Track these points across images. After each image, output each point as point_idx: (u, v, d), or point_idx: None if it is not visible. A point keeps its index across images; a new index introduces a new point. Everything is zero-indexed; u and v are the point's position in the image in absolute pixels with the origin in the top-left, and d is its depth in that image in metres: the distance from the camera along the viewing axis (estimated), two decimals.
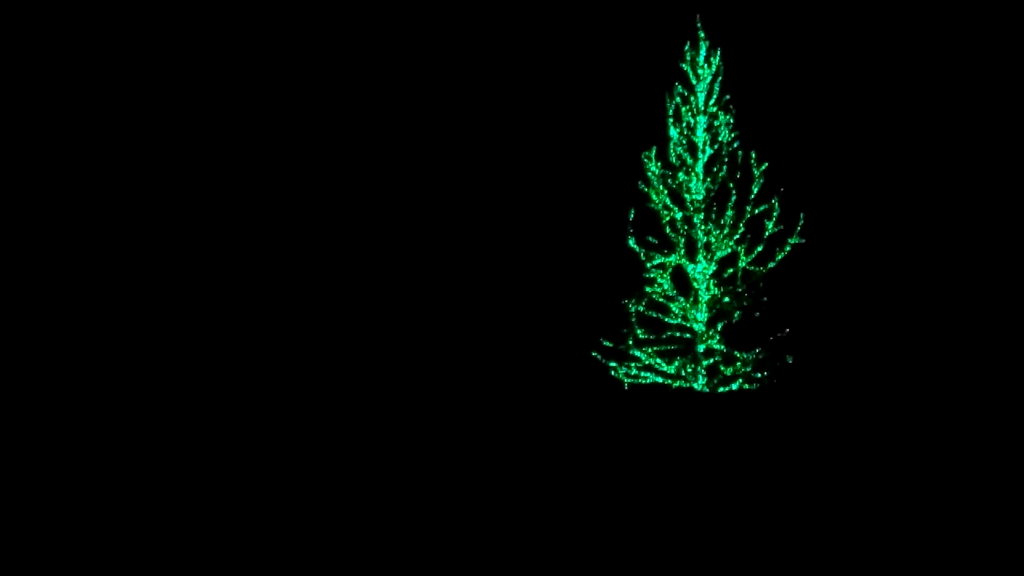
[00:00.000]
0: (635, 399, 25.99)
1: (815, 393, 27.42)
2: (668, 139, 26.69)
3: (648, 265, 26.50)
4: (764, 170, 26.45)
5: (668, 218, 26.62)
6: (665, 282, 26.52)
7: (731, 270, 26.52)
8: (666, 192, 26.63)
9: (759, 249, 26.45)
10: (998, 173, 30.47)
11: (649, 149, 26.63)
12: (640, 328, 26.37)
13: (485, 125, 31.82)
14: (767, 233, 26.39)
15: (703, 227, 26.59)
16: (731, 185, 26.48)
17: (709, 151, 26.76)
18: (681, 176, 26.69)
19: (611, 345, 26.48)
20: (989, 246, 29.83)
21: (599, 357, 26.48)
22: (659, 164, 26.67)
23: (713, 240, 26.57)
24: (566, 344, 26.72)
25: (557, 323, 28.29)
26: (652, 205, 26.68)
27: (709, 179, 26.64)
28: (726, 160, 26.59)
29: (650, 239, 26.55)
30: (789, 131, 29.99)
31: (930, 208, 30.85)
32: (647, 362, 26.33)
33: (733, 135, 26.71)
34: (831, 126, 31.24)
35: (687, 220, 26.67)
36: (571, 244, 30.16)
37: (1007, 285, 29.33)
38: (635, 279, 26.53)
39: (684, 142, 26.71)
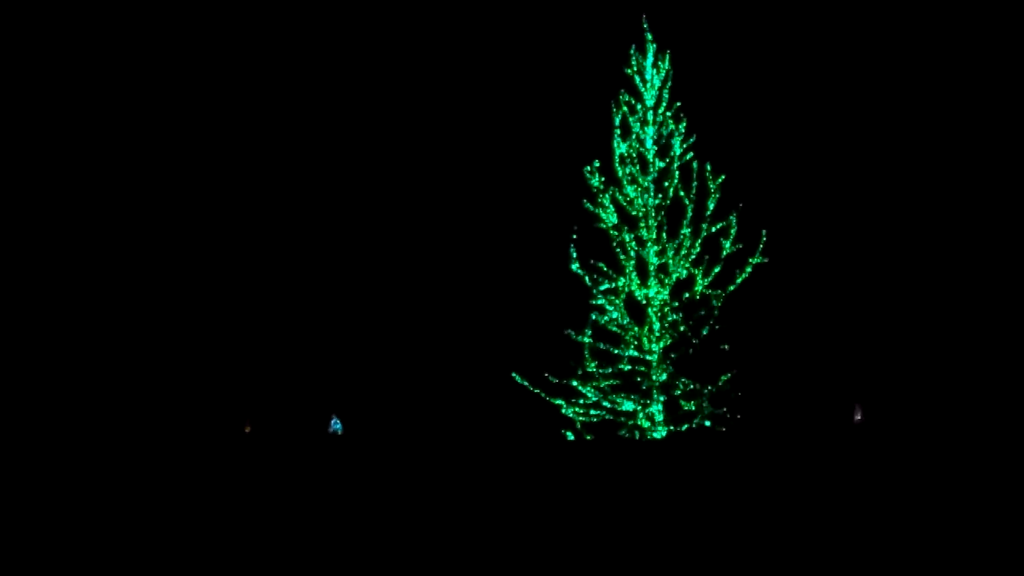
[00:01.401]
0: (586, 442, 23.40)
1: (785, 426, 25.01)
2: (613, 152, 24.23)
3: (595, 291, 23.93)
4: (721, 183, 24.07)
5: (618, 239, 24.09)
6: (616, 310, 23.97)
7: (687, 295, 24.04)
8: (613, 210, 24.14)
9: (716, 270, 23.99)
10: (966, 179, 28.52)
11: (591, 163, 24.15)
12: (590, 360, 23.78)
13: (419, 140, 29.42)
14: (724, 253, 23.96)
15: (655, 248, 24.13)
16: (687, 202, 24.05)
17: (660, 164, 24.32)
18: (630, 192, 24.22)
19: (557, 380, 23.87)
20: (956, 253, 27.86)
21: (544, 395, 23.84)
22: (602, 179, 24.18)
23: (669, 262, 24.11)
24: (507, 381, 23.98)
25: (497, 357, 25.59)
26: (601, 225, 24.16)
27: (660, 195, 24.20)
28: (678, 174, 24.18)
29: (598, 264, 24.00)
30: (748, 141, 27.35)
31: (899, 218, 28.73)
32: (595, 399, 23.71)
33: (685, 146, 24.30)
34: (793, 135, 28.73)
35: (638, 240, 24.17)
36: (510, 269, 27.51)
37: (969, 300, 27.39)
38: (581, 307, 23.95)
39: (633, 155, 24.26)
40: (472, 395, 27.08)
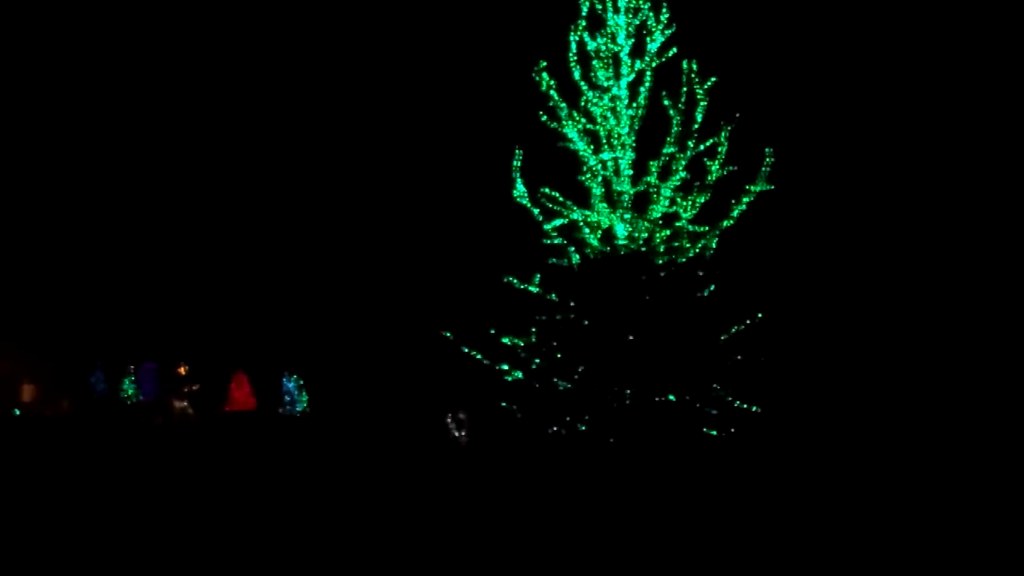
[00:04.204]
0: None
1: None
2: (569, 47, 18.82)
3: (547, 227, 18.68)
4: (710, 87, 18.70)
5: (592, 161, 18.75)
6: (576, 251, 18.75)
7: (667, 231, 18.79)
8: (572, 124, 18.81)
9: (702, 200, 18.67)
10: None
11: (538, 64, 18.73)
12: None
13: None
14: (712, 177, 18.63)
15: (629, 172, 18.84)
16: (672, 112, 18.69)
17: (638, 65, 18.92)
18: (596, 100, 18.85)
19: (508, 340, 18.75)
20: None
21: (485, 360, 18.68)
22: (553, 83, 18.77)
23: (650, 190, 18.79)
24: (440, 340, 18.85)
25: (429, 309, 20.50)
26: (568, 144, 18.85)
27: (635, 104, 18.83)
28: (649, 75, 18.80)
29: (551, 192, 18.73)
30: (745, 32, 21.55)
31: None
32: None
33: (664, 38, 18.88)
34: (803, 22, 22.84)
35: (604, 164, 18.85)
36: (446, 201, 22.17)
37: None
38: (530, 248, 18.64)
39: (602, 52, 18.88)
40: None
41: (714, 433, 18.29)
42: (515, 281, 18.48)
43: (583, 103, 18.89)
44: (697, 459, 18.10)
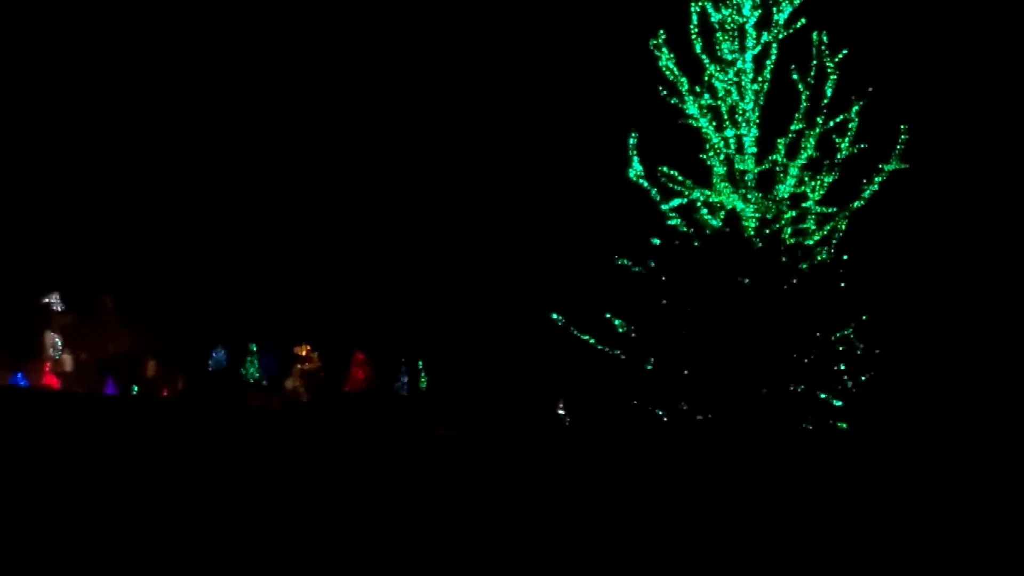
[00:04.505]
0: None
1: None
2: (691, 19, 17.94)
3: (664, 208, 17.89)
4: (841, 60, 17.63)
5: (715, 138, 17.86)
6: (695, 232, 17.91)
7: (793, 212, 17.82)
8: (695, 99, 17.96)
9: (830, 179, 17.64)
10: None
11: (656, 36, 17.90)
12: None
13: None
14: (841, 155, 17.57)
15: (753, 149, 17.92)
16: (801, 87, 17.72)
17: (764, 37, 17.97)
18: (719, 75, 17.96)
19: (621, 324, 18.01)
20: None
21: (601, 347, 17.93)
22: (671, 57, 17.92)
23: (776, 169, 17.85)
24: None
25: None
26: (691, 121, 18.00)
27: (760, 78, 17.90)
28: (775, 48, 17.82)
29: (670, 171, 17.91)
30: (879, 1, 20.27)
31: None
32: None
33: (795, 6, 17.87)
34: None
35: (727, 141, 17.95)
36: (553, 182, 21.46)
37: None
38: (644, 229, 17.85)
39: (729, 22, 17.94)
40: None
41: (843, 426, 17.37)
42: (628, 263, 17.76)
43: (706, 78, 18.05)
44: (823, 452, 17.21)
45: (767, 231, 17.94)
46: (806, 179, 17.87)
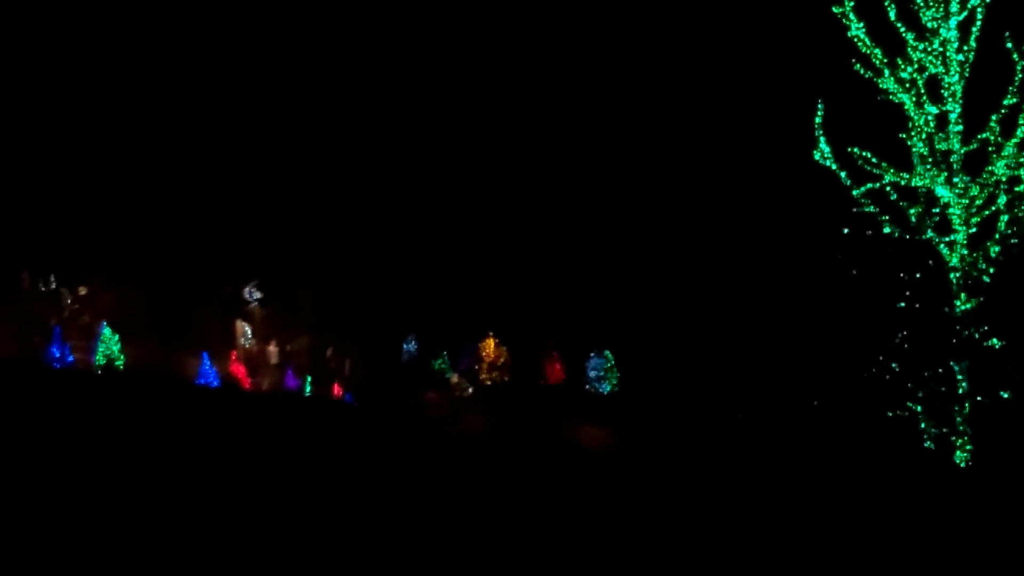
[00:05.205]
0: None
1: None
2: None
3: (856, 193, 16.18)
4: None
5: (918, 118, 16.08)
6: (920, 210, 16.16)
7: (1005, 199, 15.86)
8: (893, 73, 16.19)
9: None
10: None
11: (842, 2, 16.19)
12: None
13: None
14: None
15: (959, 127, 16.04)
16: (1016, 57, 15.76)
17: (971, 1, 16.03)
18: (919, 45, 16.13)
19: None
20: None
21: None
22: (861, 26, 16.16)
23: (989, 150, 15.95)
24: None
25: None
26: (891, 96, 16.27)
27: (966, 48, 15.98)
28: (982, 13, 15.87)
29: (863, 152, 16.21)
30: None
31: None
32: None
33: None
34: None
35: (929, 120, 16.10)
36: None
37: None
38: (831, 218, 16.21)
39: None
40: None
41: None
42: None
43: (908, 49, 16.25)
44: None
45: (976, 219, 16.08)
46: (1021, 160, 15.92)
